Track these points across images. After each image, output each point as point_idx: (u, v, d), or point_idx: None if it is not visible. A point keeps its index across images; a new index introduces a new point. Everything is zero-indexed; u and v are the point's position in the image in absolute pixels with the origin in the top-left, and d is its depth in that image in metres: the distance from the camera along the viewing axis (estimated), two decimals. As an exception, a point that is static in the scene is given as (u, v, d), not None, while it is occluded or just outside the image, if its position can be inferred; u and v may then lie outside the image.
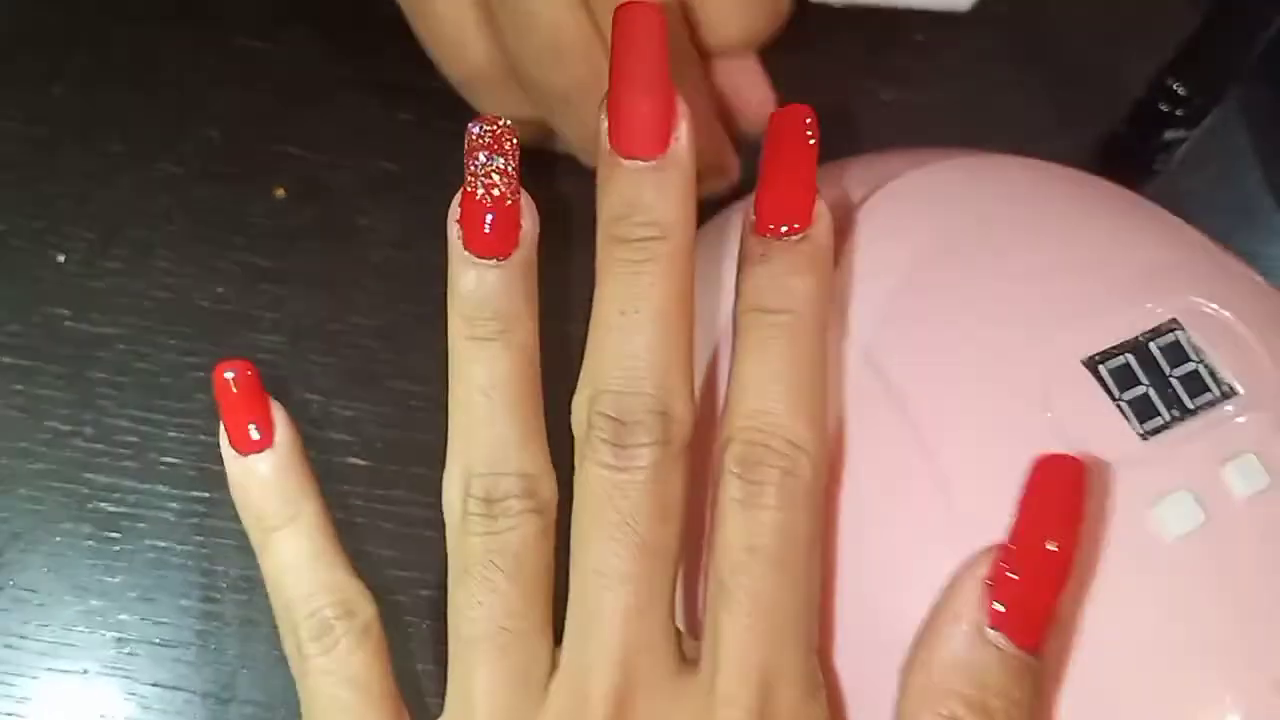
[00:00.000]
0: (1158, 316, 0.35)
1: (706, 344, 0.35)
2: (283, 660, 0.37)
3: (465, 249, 0.29)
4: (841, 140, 0.46)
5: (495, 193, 0.29)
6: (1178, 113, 0.49)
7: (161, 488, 0.39)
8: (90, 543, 0.38)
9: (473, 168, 0.29)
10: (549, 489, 0.30)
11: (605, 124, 0.29)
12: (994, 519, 0.32)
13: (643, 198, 0.29)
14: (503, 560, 0.29)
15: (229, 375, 0.31)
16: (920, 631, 0.29)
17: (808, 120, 0.30)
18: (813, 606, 0.30)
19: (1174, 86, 0.48)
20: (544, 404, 0.31)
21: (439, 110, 0.46)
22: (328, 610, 0.31)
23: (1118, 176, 0.51)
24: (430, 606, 0.39)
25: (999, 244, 0.36)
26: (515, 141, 0.29)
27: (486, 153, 0.29)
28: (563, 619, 0.30)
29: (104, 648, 0.37)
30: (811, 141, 0.30)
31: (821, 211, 0.30)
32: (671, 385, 0.29)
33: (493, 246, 0.29)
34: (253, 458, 0.31)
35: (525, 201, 0.29)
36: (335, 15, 0.47)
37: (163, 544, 0.38)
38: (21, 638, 0.37)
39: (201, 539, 0.38)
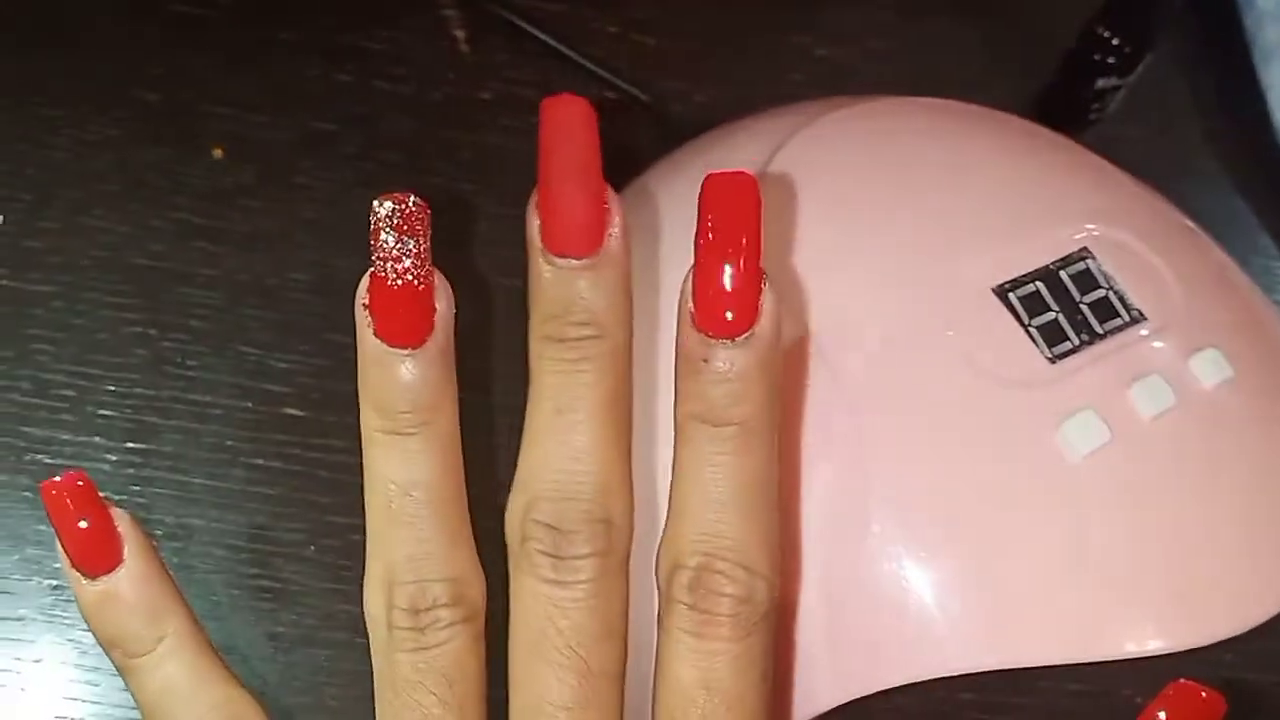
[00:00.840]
0: (1069, 245, 0.35)
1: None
2: (216, 607, 0.38)
3: (376, 336, 0.27)
4: (776, 99, 0.47)
5: (407, 278, 0.26)
6: (1109, 61, 0.49)
7: (98, 439, 0.39)
8: (27, 494, 0.38)
9: (380, 250, 0.26)
10: (478, 590, 0.28)
11: (536, 223, 0.27)
12: (903, 439, 0.33)
13: (578, 297, 0.27)
14: (434, 682, 0.27)
15: (60, 492, 0.28)
16: None
17: (752, 192, 0.26)
18: None
19: (1104, 35, 0.49)
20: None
21: (375, 70, 0.47)
22: None
23: (1054, 127, 0.51)
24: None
25: (911, 182, 0.37)
26: (427, 220, 0.26)
27: (395, 234, 0.26)
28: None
29: (41, 595, 0.38)
30: (758, 223, 0.26)
31: (768, 307, 0.26)
32: (612, 490, 0.27)
33: (406, 335, 0.27)
34: (105, 579, 0.28)
35: (439, 282, 0.27)
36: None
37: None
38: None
39: (138, 489, 0.39)
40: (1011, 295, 0.34)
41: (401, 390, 0.27)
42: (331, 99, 0.46)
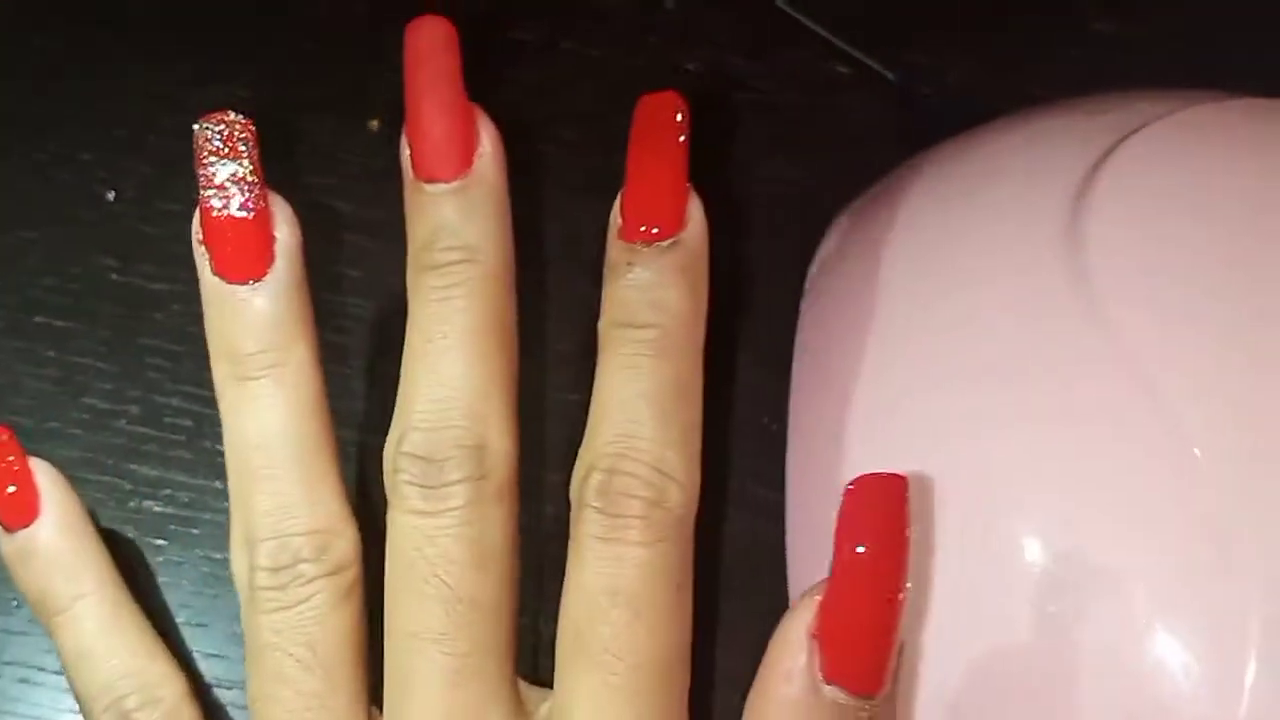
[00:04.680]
0: None
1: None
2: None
3: (214, 274, 0.27)
4: (1043, 83, 0.39)
5: (234, 206, 0.26)
6: None
7: (219, 484, 0.33)
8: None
9: (205, 177, 0.26)
10: (348, 542, 0.27)
11: (407, 152, 0.28)
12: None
13: (447, 222, 0.27)
14: (296, 642, 0.27)
15: None
16: (752, 695, 0.25)
17: (678, 112, 0.28)
18: (684, 658, 0.27)
19: None
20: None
21: (564, 27, 0.39)
22: (129, 700, 0.28)
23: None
24: None
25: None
26: (252, 139, 0.26)
27: (217, 157, 0.26)
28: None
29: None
30: (682, 137, 0.28)
31: (694, 214, 0.28)
32: (485, 415, 0.27)
33: (244, 268, 0.27)
34: (23, 533, 0.28)
35: (278, 207, 0.27)
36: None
37: (218, 555, 0.33)
38: (40, 669, 0.32)
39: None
40: None
41: (245, 329, 0.27)
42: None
